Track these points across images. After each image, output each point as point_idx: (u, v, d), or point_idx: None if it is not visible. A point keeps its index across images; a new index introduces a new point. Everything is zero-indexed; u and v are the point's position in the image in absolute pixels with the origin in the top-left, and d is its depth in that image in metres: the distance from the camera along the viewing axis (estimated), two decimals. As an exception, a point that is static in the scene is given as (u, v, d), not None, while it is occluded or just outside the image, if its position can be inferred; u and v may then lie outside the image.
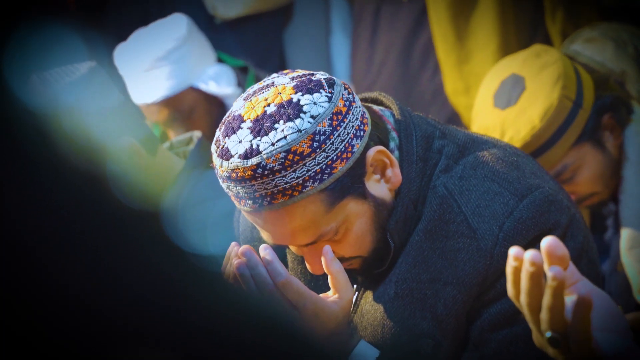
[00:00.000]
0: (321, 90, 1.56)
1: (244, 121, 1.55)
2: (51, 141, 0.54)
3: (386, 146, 1.65)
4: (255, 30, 3.58)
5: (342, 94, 1.57)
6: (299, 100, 1.54)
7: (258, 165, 1.52)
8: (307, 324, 1.56)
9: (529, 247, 1.46)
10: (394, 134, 1.68)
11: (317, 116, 1.53)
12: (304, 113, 1.53)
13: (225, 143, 1.55)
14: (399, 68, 3.40)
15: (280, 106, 1.54)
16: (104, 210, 0.54)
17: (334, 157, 1.54)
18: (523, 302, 1.11)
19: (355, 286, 1.72)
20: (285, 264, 1.76)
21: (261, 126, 1.53)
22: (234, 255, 1.61)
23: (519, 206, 1.64)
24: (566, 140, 2.32)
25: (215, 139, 1.59)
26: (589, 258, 1.71)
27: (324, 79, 1.58)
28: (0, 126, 0.53)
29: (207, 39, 3.12)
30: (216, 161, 1.57)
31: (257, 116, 1.54)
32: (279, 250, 1.72)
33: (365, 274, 1.71)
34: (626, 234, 2.36)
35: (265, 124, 1.53)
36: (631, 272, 2.36)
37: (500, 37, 3.09)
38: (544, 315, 1.10)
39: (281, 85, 1.57)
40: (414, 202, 1.67)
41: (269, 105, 1.55)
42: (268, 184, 1.52)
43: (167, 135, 3.08)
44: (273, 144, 1.51)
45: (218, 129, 1.59)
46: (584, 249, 1.69)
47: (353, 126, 1.57)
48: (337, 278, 1.60)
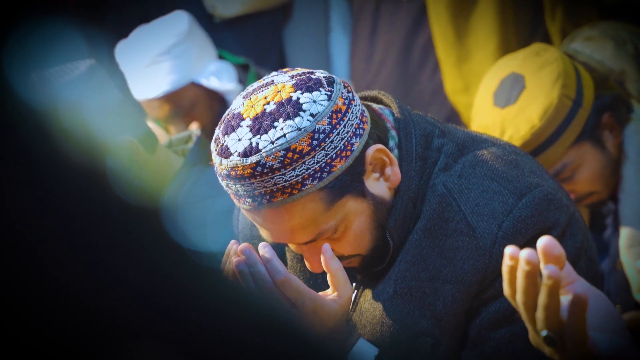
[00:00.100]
0: (321, 89, 1.56)
1: (243, 119, 1.55)
2: (51, 138, 0.54)
3: (385, 145, 1.65)
4: (254, 29, 3.58)
5: (342, 93, 1.57)
6: (298, 99, 1.54)
7: (257, 163, 1.52)
8: (306, 322, 1.56)
9: (528, 245, 1.46)
10: (393, 133, 1.68)
11: (316, 114, 1.53)
12: (304, 111, 1.53)
13: (224, 141, 1.55)
14: (399, 67, 3.40)
15: (280, 104, 1.54)
16: (103, 207, 0.54)
17: (334, 156, 1.54)
18: (519, 301, 1.11)
19: (354, 284, 1.72)
20: (285, 262, 1.76)
21: (261, 124, 1.53)
22: (233, 253, 1.61)
23: (518, 205, 1.64)
24: (566, 139, 2.32)
25: (214, 137, 1.59)
26: (588, 257, 1.71)
27: (324, 77, 1.58)
28: (0, 123, 0.53)
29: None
30: (215, 159, 1.57)
31: (257, 114, 1.54)
32: (278, 248, 1.72)
33: (364, 272, 1.71)
34: (625, 232, 2.36)
35: (265, 122, 1.53)
36: (630, 271, 2.36)
37: (499, 35, 3.09)
38: (539, 314, 1.10)
39: (281, 84, 1.57)
40: (413, 200, 1.67)
41: (268, 103, 1.55)
42: (267, 182, 1.52)
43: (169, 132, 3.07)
44: (272, 142, 1.51)
45: (217, 127, 1.59)
46: (583, 247, 1.69)
47: (352, 124, 1.57)
48: (336, 276, 1.60)
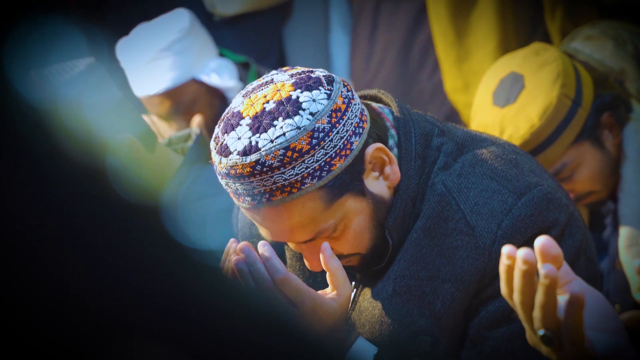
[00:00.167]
0: (320, 88, 1.56)
1: (243, 118, 1.55)
2: (50, 136, 0.54)
3: (385, 143, 1.65)
4: (254, 28, 3.58)
5: (341, 91, 1.57)
6: (298, 98, 1.54)
7: (257, 162, 1.52)
8: (305, 321, 1.56)
9: (527, 244, 1.46)
10: (392, 132, 1.68)
11: (316, 113, 1.53)
12: (303, 110, 1.53)
13: (224, 140, 1.55)
14: (398, 66, 3.40)
15: (279, 103, 1.54)
16: (103, 205, 0.54)
17: (333, 154, 1.54)
18: (516, 300, 1.11)
19: (353, 283, 1.72)
20: (284, 261, 1.76)
21: (260, 123, 1.53)
22: (232, 252, 1.61)
23: (518, 204, 1.64)
24: (565, 138, 2.32)
25: (214, 136, 1.59)
26: (587, 256, 1.71)
27: (323, 76, 1.58)
28: (0, 120, 0.53)
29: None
30: (215, 158, 1.57)
31: (256, 113, 1.54)
32: (277, 247, 1.72)
33: (363, 271, 1.71)
34: (625, 232, 2.36)
35: (264, 121, 1.53)
36: (629, 271, 2.36)
37: (499, 35, 3.09)
38: (536, 313, 1.10)
39: (280, 82, 1.57)
40: (412, 199, 1.67)
41: (268, 102, 1.55)
42: (267, 180, 1.52)
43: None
44: (272, 141, 1.51)
45: (217, 126, 1.59)
46: (582, 247, 1.69)
47: (352, 123, 1.57)
48: (336, 275, 1.60)
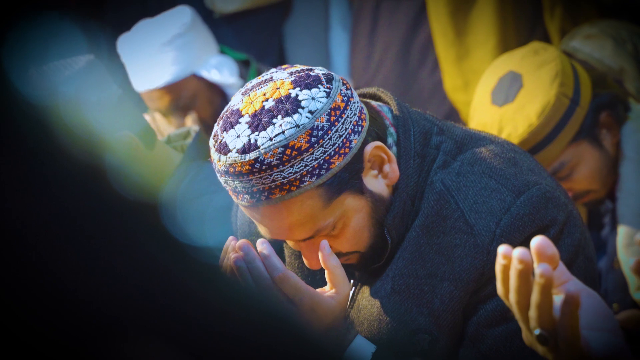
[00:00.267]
0: (319, 86, 1.56)
1: (242, 116, 1.55)
2: (50, 133, 0.54)
3: (384, 142, 1.65)
4: (254, 25, 3.58)
5: (340, 90, 1.57)
6: (297, 96, 1.54)
7: (256, 160, 1.52)
8: (303, 319, 1.56)
9: (525, 243, 1.46)
10: (391, 130, 1.68)
11: (315, 111, 1.53)
12: (302, 108, 1.53)
13: (223, 137, 1.55)
14: (398, 64, 3.40)
15: (279, 101, 1.54)
16: (102, 201, 0.54)
17: (332, 153, 1.55)
18: (512, 300, 1.12)
19: (352, 281, 1.72)
20: (283, 259, 1.76)
21: (259, 121, 1.53)
22: (231, 249, 1.61)
23: (516, 203, 1.64)
24: (563, 137, 2.32)
25: (213, 134, 1.59)
26: (585, 255, 1.71)
27: (323, 74, 1.58)
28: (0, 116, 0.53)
29: (207, 32, 3.12)
30: (214, 155, 1.57)
31: (255, 111, 1.54)
32: (276, 245, 1.72)
33: (362, 269, 1.71)
34: (623, 231, 2.36)
35: (264, 119, 1.53)
36: (628, 270, 2.37)
37: (499, 34, 3.09)
38: (532, 312, 1.10)
39: (279, 80, 1.57)
40: (411, 197, 1.67)
41: (267, 100, 1.55)
42: (266, 178, 1.52)
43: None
44: (271, 139, 1.51)
45: (216, 124, 1.59)
46: (580, 246, 1.69)
47: (351, 122, 1.57)
48: (334, 273, 1.61)
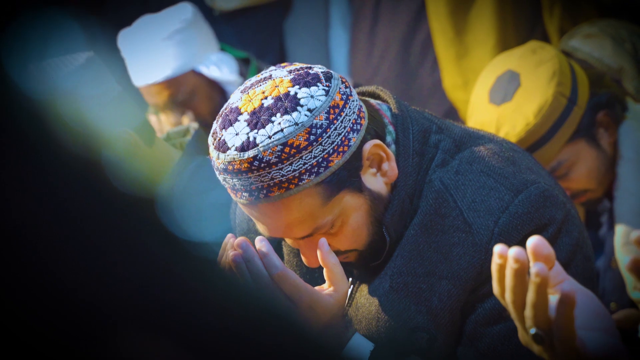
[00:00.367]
0: (318, 84, 1.56)
1: (241, 114, 1.55)
2: (49, 128, 0.54)
3: (383, 140, 1.65)
4: (254, 23, 3.58)
5: (340, 88, 1.57)
6: (296, 94, 1.54)
7: (255, 157, 1.52)
8: (302, 317, 1.56)
9: (523, 242, 1.46)
10: (390, 128, 1.68)
11: (314, 109, 1.53)
12: (301, 106, 1.53)
13: (222, 135, 1.55)
14: (398, 62, 3.41)
15: (278, 99, 1.54)
16: (99, 196, 0.54)
17: (331, 151, 1.55)
18: (508, 299, 1.12)
19: (350, 279, 1.72)
20: (281, 257, 1.76)
21: (258, 119, 1.53)
22: (229, 247, 1.62)
23: (515, 201, 1.65)
24: (561, 136, 2.33)
25: (212, 131, 1.59)
26: (583, 254, 1.71)
27: (322, 72, 1.58)
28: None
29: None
30: (213, 153, 1.57)
31: (254, 109, 1.54)
32: (275, 243, 1.72)
33: (360, 267, 1.71)
34: (621, 230, 2.36)
35: (263, 117, 1.53)
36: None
37: (498, 32, 3.09)
38: (528, 312, 1.10)
39: (279, 78, 1.57)
40: (410, 196, 1.67)
41: (266, 98, 1.55)
42: (264, 176, 1.52)
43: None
44: (270, 137, 1.52)
45: (215, 121, 1.59)
46: (579, 244, 1.69)
47: (350, 120, 1.57)
48: (333, 271, 1.61)
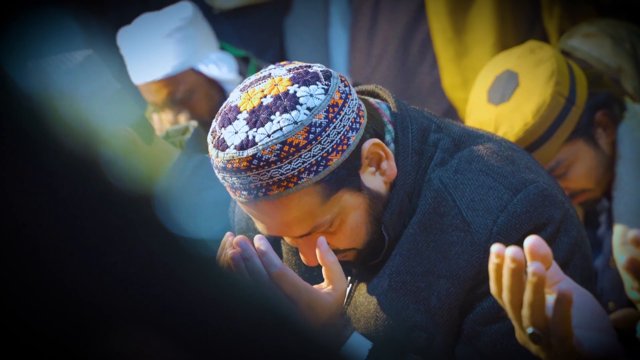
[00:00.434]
0: (318, 83, 1.56)
1: (240, 112, 1.55)
2: (47, 127, 0.54)
3: (382, 139, 1.65)
4: (254, 22, 3.58)
5: (339, 87, 1.57)
6: (295, 92, 1.54)
7: (254, 156, 1.52)
8: (300, 315, 1.57)
9: (522, 241, 1.46)
10: (390, 127, 1.68)
11: (313, 108, 1.53)
12: (300, 105, 1.53)
13: (221, 134, 1.55)
14: (397, 61, 3.41)
15: (277, 98, 1.54)
16: (98, 193, 0.55)
17: (330, 149, 1.55)
18: (505, 298, 1.12)
19: (349, 278, 1.72)
20: (280, 255, 1.76)
21: (257, 117, 1.53)
22: (228, 245, 1.62)
23: (513, 200, 1.65)
24: (559, 136, 2.33)
25: (211, 130, 1.59)
26: (582, 253, 1.71)
27: (321, 71, 1.58)
28: None
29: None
30: (212, 151, 1.57)
31: (254, 107, 1.54)
32: (274, 241, 1.72)
33: (359, 266, 1.71)
34: (619, 230, 2.36)
35: (262, 115, 1.53)
36: (624, 268, 2.36)
37: (497, 32, 3.09)
38: (525, 311, 1.10)
39: (278, 77, 1.57)
40: (409, 195, 1.67)
41: (265, 96, 1.55)
42: (263, 175, 1.53)
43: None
44: (269, 135, 1.52)
45: (214, 120, 1.59)
46: (577, 244, 1.69)
47: (349, 119, 1.57)
48: (332, 269, 1.61)
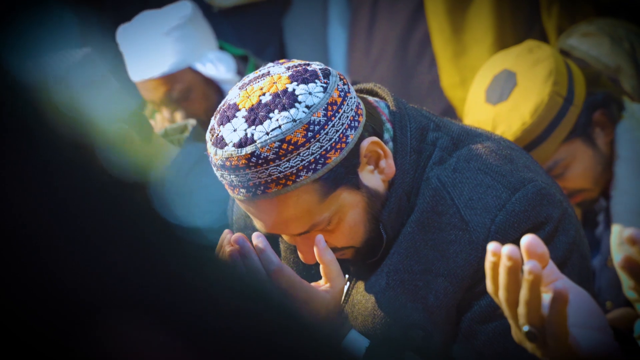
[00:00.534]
0: (316, 81, 1.56)
1: (239, 110, 1.55)
2: (45, 122, 0.54)
3: (380, 137, 1.65)
4: (253, 20, 3.58)
5: (337, 85, 1.57)
6: (294, 90, 1.55)
7: (252, 154, 1.52)
8: (298, 312, 1.57)
9: (520, 240, 1.47)
10: (388, 126, 1.68)
11: (312, 106, 1.54)
12: (299, 103, 1.53)
13: (220, 131, 1.55)
14: (396, 60, 3.40)
15: (276, 95, 1.54)
16: (96, 189, 0.55)
17: (328, 148, 1.55)
18: (501, 297, 1.12)
19: (347, 276, 1.73)
20: (278, 253, 1.77)
21: (256, 115, 1.53)
22: (226, 243, 1.62)
23: (512, 199, 1.65)
24: (557, 136, 2.33)
25: (210, 127, 1.59)
26: (580, 252, 1.71)
27: (320, 69, 1.58)
28: None
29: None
30: (210, 149, 1.57)
31: (252, 105, 1.55)
32: (272, 239, 1.72)
33: (357, 264, 1.71)
34: (617, 229, 2.36)
35: (260, 113, 1.53)
36: (621, 268, 2.37)
37: (496, 31, 3.09)
38: (521, 309, 1.11)
39: (277, 75, 1.58)
40: (407, 193, 1.67)
41: (264, 94, 1.55)
42: (262, 173, 1.53)
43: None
44: (267, 133, 1.52)
45: (213, 117, 1.59)
46: (575, 243, 1.70)
47: (348, 117, 1.57)
48: (329, 267, 1.61)
